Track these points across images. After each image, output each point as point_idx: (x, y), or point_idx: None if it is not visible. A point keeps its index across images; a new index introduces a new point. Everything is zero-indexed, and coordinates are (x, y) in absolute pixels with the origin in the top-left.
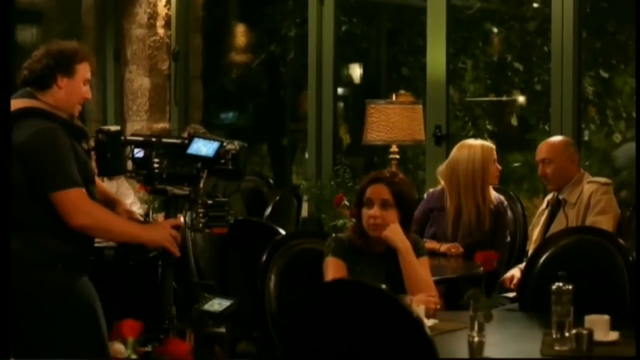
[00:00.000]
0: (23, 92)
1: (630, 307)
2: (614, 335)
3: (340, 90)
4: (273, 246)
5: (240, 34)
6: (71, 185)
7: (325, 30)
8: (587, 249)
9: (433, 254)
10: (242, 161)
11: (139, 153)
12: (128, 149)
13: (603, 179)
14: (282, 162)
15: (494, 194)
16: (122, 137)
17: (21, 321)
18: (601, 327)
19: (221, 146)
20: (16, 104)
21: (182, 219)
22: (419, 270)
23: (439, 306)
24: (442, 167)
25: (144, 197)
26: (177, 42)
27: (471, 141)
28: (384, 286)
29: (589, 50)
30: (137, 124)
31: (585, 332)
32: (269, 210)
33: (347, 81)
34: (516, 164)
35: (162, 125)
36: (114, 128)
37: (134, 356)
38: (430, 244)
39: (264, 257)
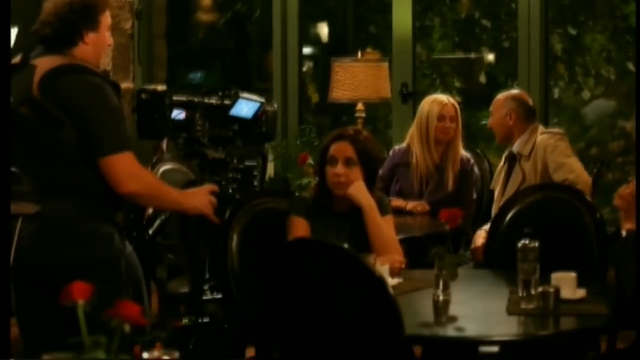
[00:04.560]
0: (43, 49)
1: (598, 264)
2: (580, 293)
3: (308, 49)
4: (235, 205)
5: None
6: (125, 148)
7: None
8: (554, 205)
9: (399, 212)
10: (273, 123)
11: (179, 115)
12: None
13: (555, 129)
14: None
15: (461, 152)
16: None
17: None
18: (568, 285)
19: (260, 107)
20: (54, 61)
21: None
22: (384, 229)
23: (403, 265)
24: None
25: None
26: (140, 1)
27: (433, 96)
28: (346, 245)
29: (557, 7)
30: None
31: (551, 289)
32: None
33: (315, 40)
34: (484, 122)
35: (126, 84)
36: (160, 87)
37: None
38: (396, 202)
39: (226, 217)
